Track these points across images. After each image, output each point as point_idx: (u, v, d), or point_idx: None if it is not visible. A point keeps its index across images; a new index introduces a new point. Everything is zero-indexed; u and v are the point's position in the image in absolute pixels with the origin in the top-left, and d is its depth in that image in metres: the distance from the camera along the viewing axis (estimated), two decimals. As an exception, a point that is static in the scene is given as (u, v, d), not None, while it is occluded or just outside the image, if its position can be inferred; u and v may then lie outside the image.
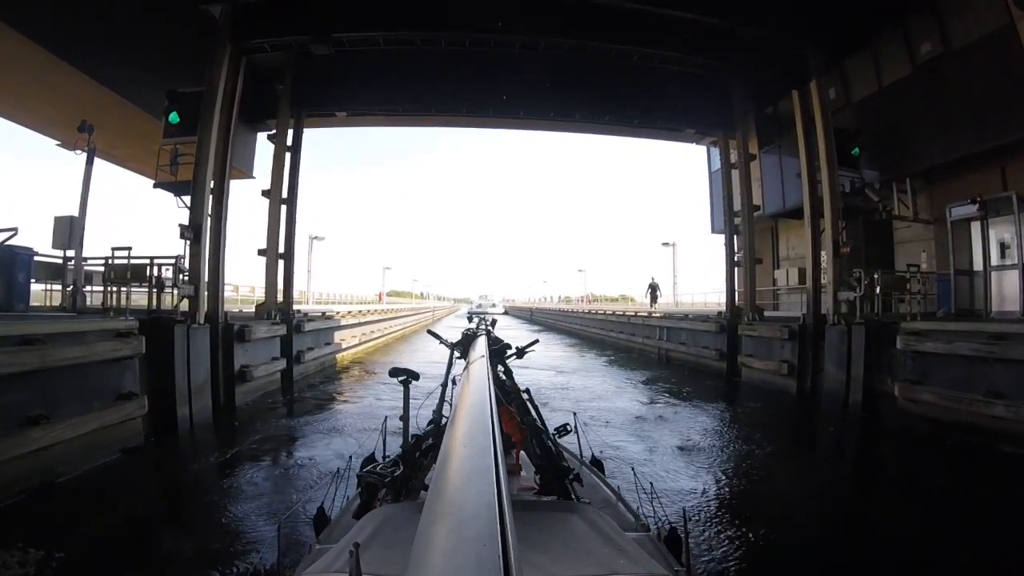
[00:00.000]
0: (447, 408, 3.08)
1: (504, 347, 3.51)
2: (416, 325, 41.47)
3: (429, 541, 0.79)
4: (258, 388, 11.50)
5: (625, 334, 23.16)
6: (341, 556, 1.62)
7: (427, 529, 0.83)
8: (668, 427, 9.62)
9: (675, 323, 18.27)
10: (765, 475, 7.40)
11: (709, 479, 7.00)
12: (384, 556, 1.52)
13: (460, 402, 1.83)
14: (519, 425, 2.66)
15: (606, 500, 2.89)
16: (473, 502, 0.85)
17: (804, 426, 10.98)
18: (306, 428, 9.56)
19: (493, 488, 0.86)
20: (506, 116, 15.38)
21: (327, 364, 15.83)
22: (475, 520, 0.78)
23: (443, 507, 0.89)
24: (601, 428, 9.15)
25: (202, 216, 10.47)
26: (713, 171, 20.95)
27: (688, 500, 5.98)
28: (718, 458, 7.96)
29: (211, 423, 9.77)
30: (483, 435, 1.19)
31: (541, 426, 2.90)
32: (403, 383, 3.16)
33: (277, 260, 13.09)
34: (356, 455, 3.73)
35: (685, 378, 14.94)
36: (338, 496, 3.17)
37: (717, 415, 10.90)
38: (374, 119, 15.78)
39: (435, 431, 2.84)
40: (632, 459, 6.94)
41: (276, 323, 12.53)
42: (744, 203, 14.89)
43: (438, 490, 0.99)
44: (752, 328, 13.85)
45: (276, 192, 13.18)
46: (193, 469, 7.73)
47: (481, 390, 1.76)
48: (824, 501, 6.57)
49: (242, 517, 5.60)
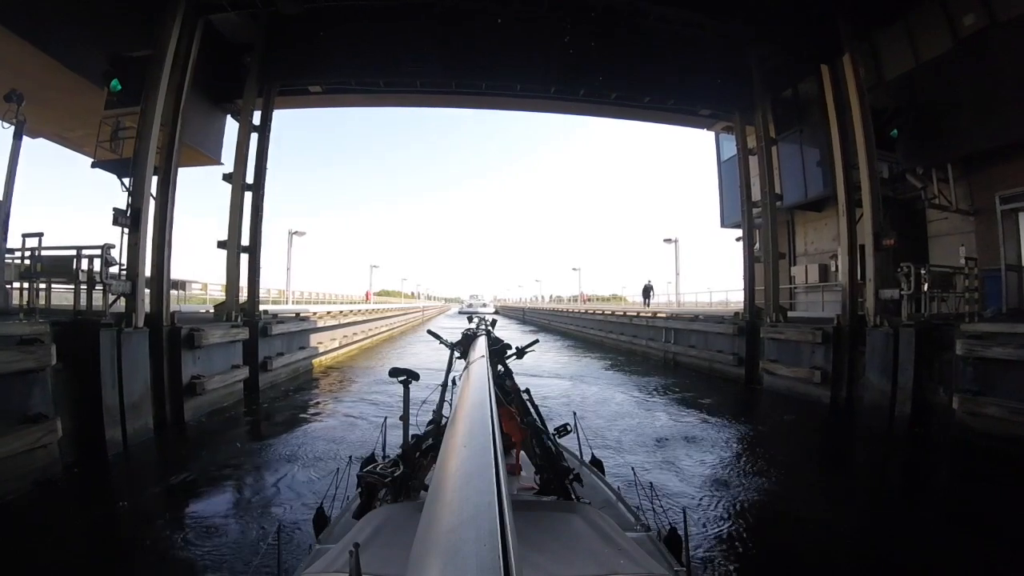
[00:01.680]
0: (447, 408, 3.02)
1: (504, 347, 3.48)
2: (405, 326, 39.76)
3: (429, 541, 0.78)
4: (213, 402, 9.85)
5: (627, 336, 21.62)
6: (341, 556, 1.61)
7: (427, 529, 0.83)
8: (696, 452, 8.09)
9: (684, 324, 16.75)
10: (828, 515, 5.94)
11: (765, 523, 5.61)
12: (384, 556, 1.52)
13: (460, 402, 1.80)
14: (519, 425, 2.66)
15: (606, 500, 2.88)
16: (473, 502, 0.84)
17: (848, 445, 9.53)
18: (264, 454, 7.95)
19: (493, 488, 0.86)
20: (501, 93, 13.65)
21: (301, 371, 14.17)
22: (475, 520, 0.77)
23: (443, 507, 0.88)
24: (618, 454, 7.60)
25: (143, 199, 8.82)
26: (723, 160, 19.51)
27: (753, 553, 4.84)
28: (763, 492, 6.50)
29: (152, 445, 8.24)
30: (483, 435, 1.17)
31: (541, 426, 2.85)
32: (403, 383, 3.06)
33: (239, 254, 11.43)
34: (355, 457, 3.66)
35: (699, 386, 13.44)
36: (338, 496, 3.16)
37: (749, 434, 9.41)
38: (353, 98, 13.99)
39: (435, 431, 2.73)
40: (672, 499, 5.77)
41: (237, 326, 10.88)
42: (765, 192, 13.41)
43: (438, 490, 1.00)
44: (777, 330, 12.38)
45: (239, 176, 11.51)
46: (116, 506, 6.22)
47: (481, 390, 1.74)
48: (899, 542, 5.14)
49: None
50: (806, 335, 11.49)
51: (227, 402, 10.30)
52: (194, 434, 8.93)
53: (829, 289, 16.15)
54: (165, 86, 9.37)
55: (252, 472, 7.19)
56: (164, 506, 6.14)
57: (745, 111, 14.12)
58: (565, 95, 13.48)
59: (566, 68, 12.10)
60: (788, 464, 7.77)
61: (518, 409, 2.84)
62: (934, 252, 14.16)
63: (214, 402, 9.84)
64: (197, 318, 10.71)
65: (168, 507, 6.09)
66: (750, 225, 14.01)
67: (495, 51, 11.82)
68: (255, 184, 12.00)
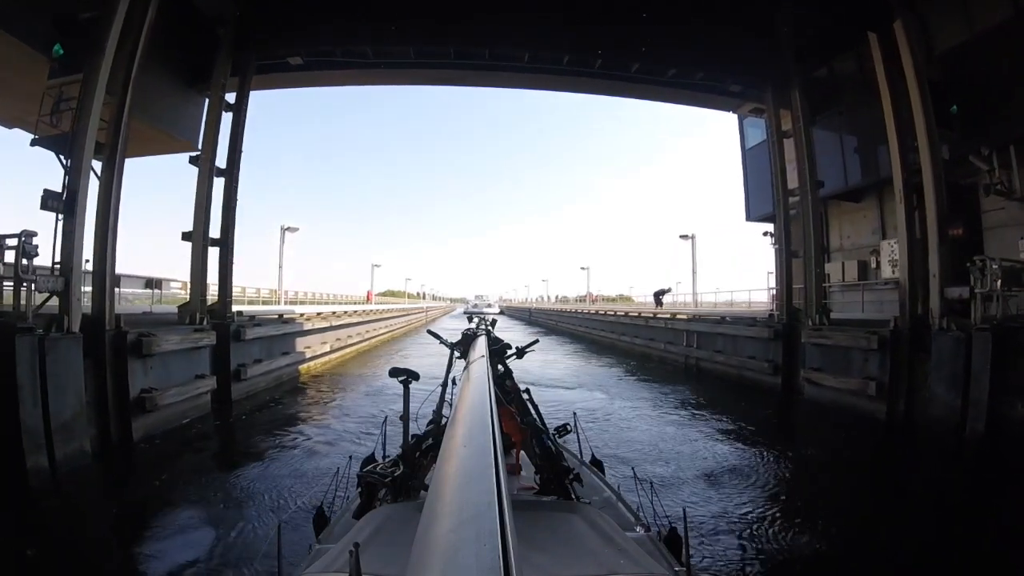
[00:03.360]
0: (447, 408, 3.01)
1: (504, 347, 3.48)
2: (407, 327, 38.34)
3: (429, 541, 0.77)
4: (170, 418, 8.44)
5: (641, 339, 20.08)
6: (341, 556, 1.62)
7: (427, 529, 0.82)
8: (750, 490, 6.59)
9: (709, 327, 15.21)
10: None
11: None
12: (384, 556, 1.53)
13: (460, 402, 1.81)
14: (519, 425, 2.66)
15: (606, 500, 2.90)
16: (473, 502, 0.84)
17: (915, 471, 7.98)
18: (217, 487, 6.53)
19: (493, 488, 0.85)
20: (506, 65, 12.11)
21: (285, 378, 12.76)
22: (475, 520, 0.76)
23: (443, 507, 0.88)
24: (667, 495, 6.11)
25: (80, 180, 7.41)
26: (748, 148, 18.03)
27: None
28: (829, 540, 5.06)
29: (89, 473, 6.88)
30: (483, 435, 1.17)
31: (541, 426, 2.85)
32: (403, 383, 2.96)
33: (206, 247, 10.01)
34: (355, 457, 3.41)
35: (728, 398, 11.91)
36: (338, 496, 3.17)
37: (802, 461, 7.94)
38: (338, 74, 12.39)
39: (435, 431, 2.69)
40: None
41: (202, 330, 9.47)
42: (804, 178, 11.88)
43: (438, 490, 1.00)
44: (822, 334, 10.85)
45: (208, 159, 10.08)
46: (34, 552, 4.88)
47: (481, 390, 1.75)
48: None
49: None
50: (859, 340, 9.98)
51: (189, 417, 8.89)
52: (142, 459, 7.54)
53: (870, 288, 14.66)
54: (113, 49, 7.97)
55: (195, 513, 5.78)
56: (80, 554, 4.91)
57: (779, 88, 12.60)
58: (579, 64, 11.93)
59: (580, 38, 10.60)
60: (849, 500, 6.38)
61: (518, 409, 2.83)
62: (989, 245, 12.60)
63: (171, 419, 8.43)
64: (151, 320, 9.31)
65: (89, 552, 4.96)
66: (786, 216, 12.50)
67: (498, 15, 10.29)
68: (228, 169, 10.63)
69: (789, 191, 12.44)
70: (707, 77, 12.67)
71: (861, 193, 15.01)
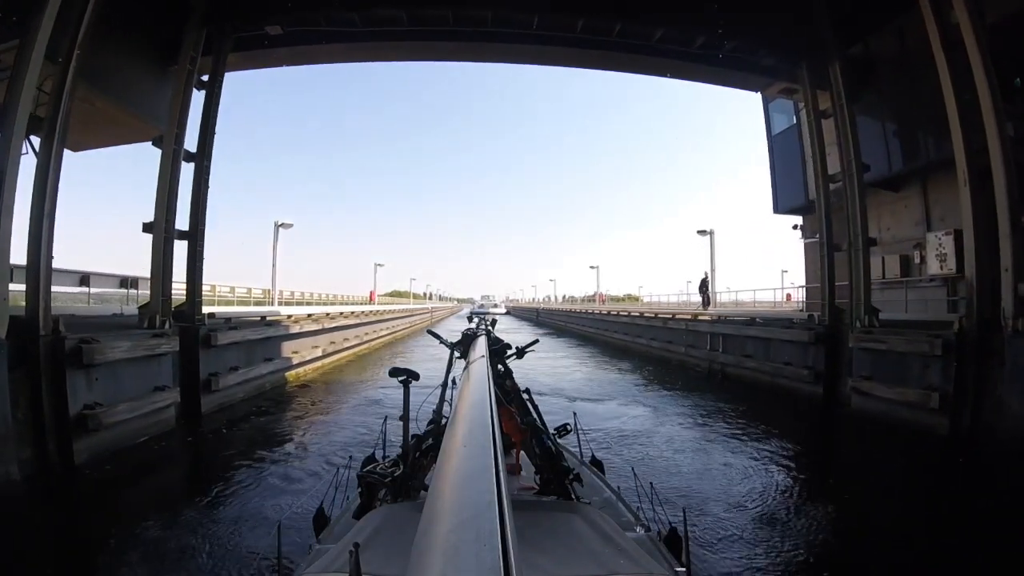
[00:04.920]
0: (447, 408, 2.97)
1: (504, 347, 3.43)
2: (411, 328, 37.19)
3: (429, 541, 0.77)
4: (122, 438, 7.27)
5: (659, 341, 18.74)
6: (341, 556, 1.60)
7: (427, 529, 0.82)
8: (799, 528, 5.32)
9: (736, 329, 13.87)
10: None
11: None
12: (384, 556, 1.52)
13: (460, 402, 1.80)
14: (519, 425, 2.65)
15: (606, 500, 2.87)
16: (473, 502, 0.83)
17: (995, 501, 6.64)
18: (164, 530, 5.33)
19: (493, 488, 0.85)
20: (511, 33, 10.76)
21: (269, 387, 11.60)
22: (475, 520, 0.76)
23: (443, 507, 0.87)
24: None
25: (9, 157, 6.27)
26: (776, 134, 16.68)
27: None
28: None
29: (18, 503, 5.74)
30: (483, 435, 1.16)
31: (541, 426, 2.83)
32: (403, 383, 2.92)
33: (171, 240, 8.85)
34: (355, 457, 3.49)
35: (763, 409, 10.56)
36: (338, 496, 3.13)
37: (859, 495, 6.64)
38: (323, 49, 10.94)
39: (435, 431, 2.67)
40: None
41: (163, 334, 8.31)
42: (849, 161, 10.56)
43: (438, 490, 0.99)
44: (873, 338, 9.54)
45: (172, 139, 8.92)
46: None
47: (481, 390, 1.74)
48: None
49: None
50: (919, 344, 8.67)
51: (147, 436, 7.72)
52: (85, 486, 6.39)
53: (913, 285, 13.31)
54: (56, 8, 6.82)
55: (132, 551, 4.62)
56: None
57: (814, 66, 11.28)
58: (595, 35, 10.58)
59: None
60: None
61: (518, 409, 2.81)
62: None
63: (124, 438, 7.27)
64: (117, 324, 8.18)
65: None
66: (827, 205, 11.15)
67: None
68: (199, 153, 9.48)
69: (830, 177, 11.12)
70: (738, 48, 11.31)
71: (901, 181, 13.67)
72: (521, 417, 2.72)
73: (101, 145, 13.86)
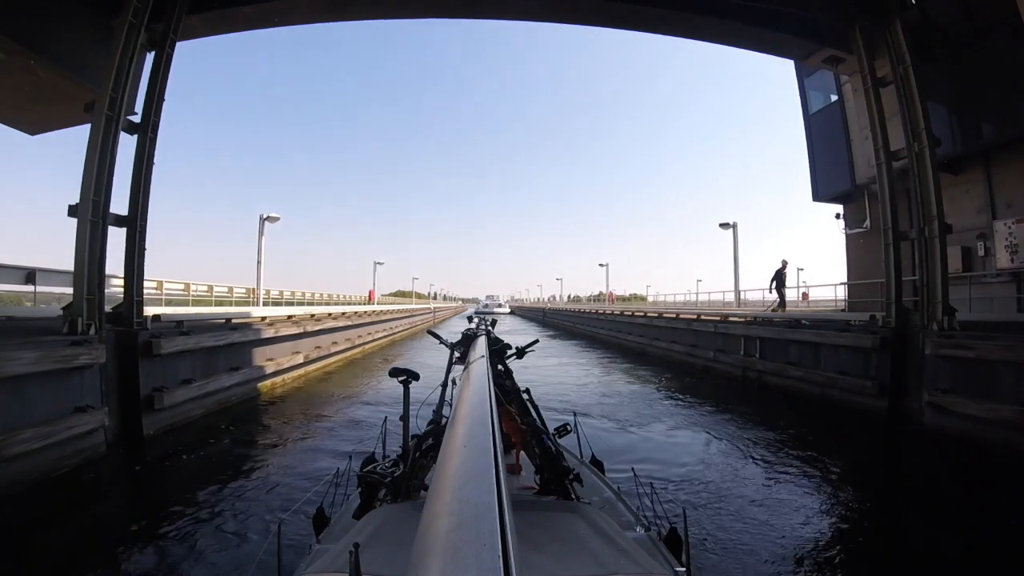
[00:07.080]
0: (447, 408, 2.95)
1: (504, 347, 3.44)
2: (412, 328, 35.60)
3: (429, 541, 0.76)
4: (29, 471, 5.71)
5: (681, 345, 17.01)
6: (341, 556, 1.57)
7: (427, 529, 0.81)
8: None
9: (776, 332, 12.12)
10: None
11: None
12: (384, 556, 1.49)
13: (460, 402, 1.78)
14: (519, 425, 2.60)
15: (606, 500, 2.85)
16: (473, 502, 0.82)
17: None
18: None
19: (493, 488, 0.84)
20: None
21: (234, 401, 10.00)
22: (475, 520, 0.75)
23: (443, 507, 0.86)
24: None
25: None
26: (813, 113, 14.99)
27: None
28: None
29: None
30: (483, 435, 1.15)
31: (541, 426, 2.82)
32: (403, 383, 2.92)
33: (103, 226, 7.26)
34: (355, 457, 3.29)
35: (814, 430, 8.82)
36: (338, 496, 3.11)
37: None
38: (300, 4, 9.56)
39: (435, 431, 2.57)
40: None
41: (84, 342, 6.71)
42: (919, 133, 8.89)
43: (438, 490, 0.98)
44: (957, 344, 7.86)
45: (105, 104, 7.33)
46: None
47: (481, 390, 1.73)
48: None
49: None
50: (1019, 352, 7.00)
51: (66, 467, 6.16)
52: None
53: (978, 281, 11.64)
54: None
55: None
56: None
57: (869, 24, 9.62)
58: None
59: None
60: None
61: (518, 409, 2.77)
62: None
63: (30, 471, 5.70)
64: (13, 328, 6.59)
65: None
66: (891, 186, 9.43)
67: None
68: (144, 124, 7.90)
69: (893, 154, 9.44)
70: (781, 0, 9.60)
71: (960, 163, 11.99)
72: (521, 417, 2.65)
73: (62, 126, 12.46)
